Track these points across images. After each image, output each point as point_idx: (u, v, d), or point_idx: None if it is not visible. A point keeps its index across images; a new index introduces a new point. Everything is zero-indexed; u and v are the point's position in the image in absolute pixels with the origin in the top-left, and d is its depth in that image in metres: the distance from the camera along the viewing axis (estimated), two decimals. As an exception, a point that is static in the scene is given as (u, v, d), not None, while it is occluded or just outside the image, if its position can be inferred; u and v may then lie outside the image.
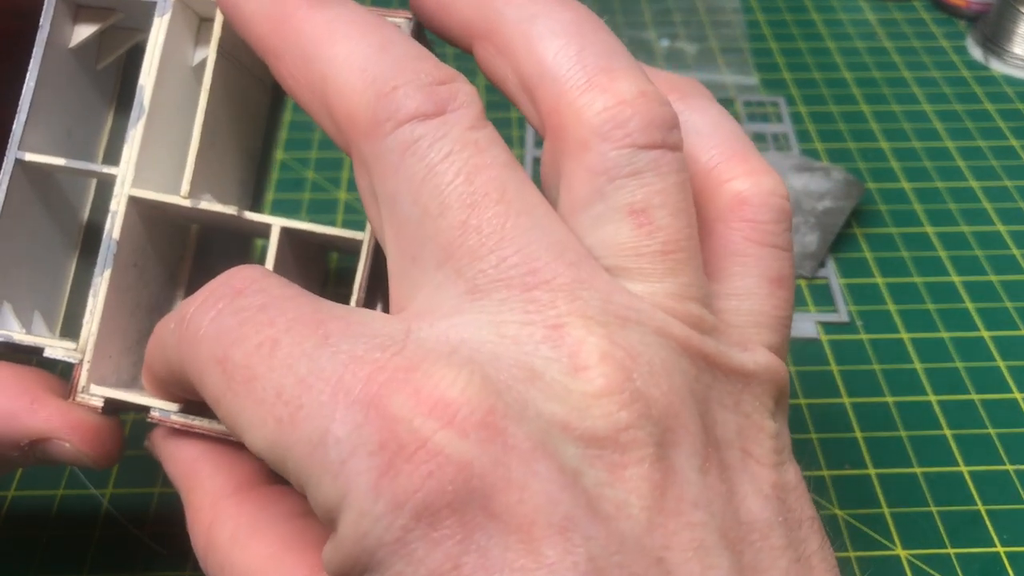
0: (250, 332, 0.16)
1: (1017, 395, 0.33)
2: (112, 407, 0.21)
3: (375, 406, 0.15)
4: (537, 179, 0.18)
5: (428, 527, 0.14)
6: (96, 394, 0.21)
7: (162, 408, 0.20)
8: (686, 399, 0.16)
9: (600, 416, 0.15)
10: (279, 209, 0.40)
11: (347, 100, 0.17)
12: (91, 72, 0.24)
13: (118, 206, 0.21)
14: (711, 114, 0.20)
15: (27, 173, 0.22)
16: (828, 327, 0.35)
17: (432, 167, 0.16)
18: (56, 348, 0.21)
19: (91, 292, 0.21)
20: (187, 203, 0.22)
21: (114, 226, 0.21)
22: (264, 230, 0.23)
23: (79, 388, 0.21)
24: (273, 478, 0.20)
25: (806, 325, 0.35)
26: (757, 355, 0.18)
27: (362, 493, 0.14)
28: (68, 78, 0.23)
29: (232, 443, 0.20)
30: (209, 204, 0.22)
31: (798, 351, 0.34)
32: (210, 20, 0.23)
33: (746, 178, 0.19)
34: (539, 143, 0.43)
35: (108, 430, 0.21)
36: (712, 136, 0.20)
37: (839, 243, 0.39)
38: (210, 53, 0.22)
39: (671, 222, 0.17)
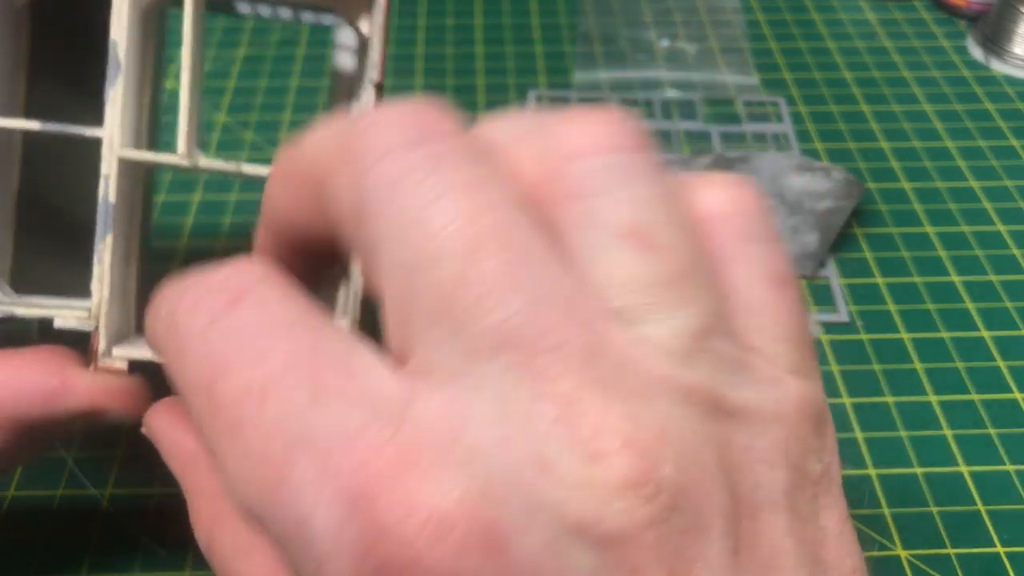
0: (241, 365, 0.14)
1: (1017, 395, 0.33)
2: (136, 366, 0.21)
3: (362, 503, 0.13)
4: None
5: None
6: (119, 356, 0.21)
7: None
8: (716, 477, 0.14)
9: (622, 512, 0.13)
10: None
11: (324, 157, 0.16)
12: (8, 11, 0.23)
13: (110, 169, 0.21)
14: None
15: None
16: (828, 327, 0.35)
17: (423, 207, 0.14)
18: (68, 318, 0.21)
19: (95, 259, 0.21)
20: (186, 162, 0.21)
21: (109, 190, 0.21)
22: (260, 184, 0.22)
23: (100, 354, 0.21)
24: None
25: (806, 325, 0.35)
26: (790, 388, 0.16)
27: None
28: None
29: None
30: (209, 162, 0.21)
31: (798, 351, 0.34)
32: None
33: (708, 189, 0.17)
34: (539, 143, 0.43)
35: (137, 387, 0.21)
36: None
37: (839, 243, 0.38)
38: (188, 7, 0.21)
39: (675, 238, 0.15)
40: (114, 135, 0.21)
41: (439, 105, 0.15)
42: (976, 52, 0.50)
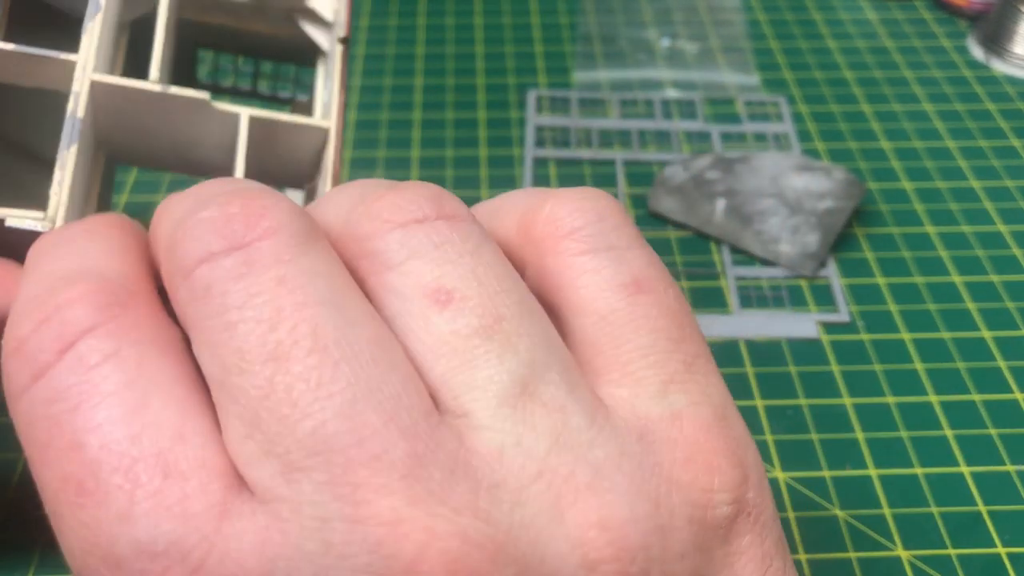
0: (57, 449, 0.13)
1: (1018, 395, 0.33)
2: None
3: None
4: (537, 181, 0.18)
5: None
6: None
7: None
8: None
9: None
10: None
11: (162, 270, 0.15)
12: None
13: (81, 88, 0.21)
14: (493, 201, 0.18)
15: None
16: (829, 327, 0.35)
17: (226, 317, 0.13)
18: (22, 218, 0.20)
19: (58, 165, 0.21)
20: (158, 88, 0.22)
21: (78, 106, 0.21)
22: (233, 120, 0.23)
23: None
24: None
25: (807, 325, 0.35)
26: (641, 417, 0.15)
27: None
28: None
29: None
30: (179, 90, 0.22)
31: (799, 351, 0.34)
32: None
33: (557, 206, 0.16)
34: (540, 143, 0.43)
35: None
36: (503, 204, 0.17)
37: (840, 243, 0.38)
38: None
39: (480, 287, 0.14)
40: (88, 60, 0.22)
41: (263, 198, 0.14)
42: (977, 52, 0.50)
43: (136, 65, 0.27)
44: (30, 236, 0.20)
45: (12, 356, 0.14)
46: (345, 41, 0.24)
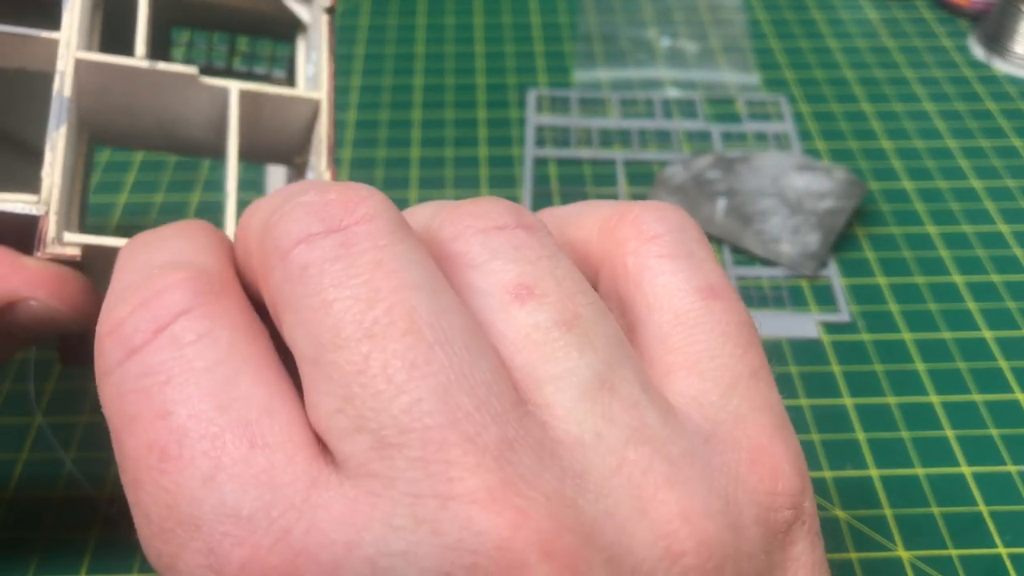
0: (145, 418, 0.14)
1: (1019, 396, 0.33)
2: (93, 257, 0.19)
3: None
4: (537, 180, 0.18)
5: None
6: (71, 242, 0.19)
7: None
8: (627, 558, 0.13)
9: None
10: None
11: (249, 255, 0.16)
12: None
13: (66, 67, 0.21)
14: (566, 207, 0.19)
15: None
16: (830, 327, 0.35)
17: (323, 295, 0.14)
18: (15, 203, 0.19)
19: (48, 146, 0.20)
20: (145, 65, 0.21)
21: (64, 85, 0.21)
22: (222, 96, 0.22)
23: (48, 240, 0.19)
24: None
25: (808, 325, 0.35)
26: (730, 451, 0.15)
27: None
28: None
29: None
30: (167, 66, 0.22)
31: (799, 351, 0.34)
32: None
33: (637, 209, 0.17)
34: (540, 142, 0.43)
35: (74, 279, 0.19)
36: (582, 210, 0.18)
37: (841, 243, 0.38)
38: None
39: (558, 287, 0.15)
40: (72, 38, 0.21)
41: (359, 189, 0.15)
42: (978, 51, 0.50)
43: (111, 42, 0.26)
44: (19, 220, 0.19)
45: (108, 336, 0.14)
46: (331, 11, 0.24)
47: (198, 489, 0.13)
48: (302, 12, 0.26)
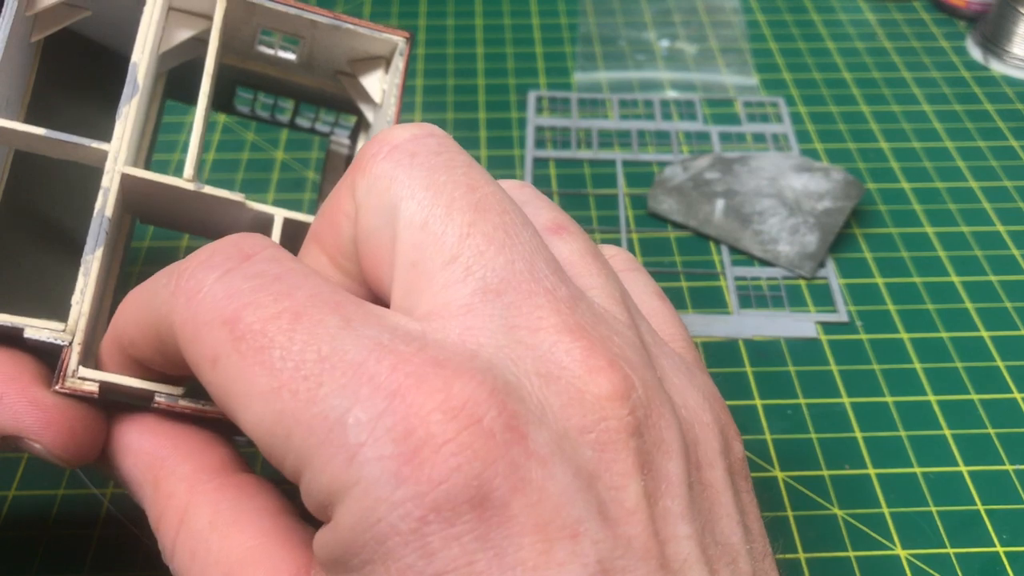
0: (266, 299, 0.16)
1: (1016, 395, 0.33)
2: (108, 392, 0.19)
3: (401, 396, 0.14)
4: (537, 181, 0.19)
5: (447, 521, 0.14)
6: (89, 378, 0.19)
7: (168, 392, 0.19)
8: (671, 411, 0.17)
9: (613, 419, 0.15)
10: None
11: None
12: (25, 42, 0.23)
13: (111, 183, 0.20)
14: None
15: None
16: (828, 327, 0.35)
17: (434, 175, 0.17)
18: (40, 328, 0.19)
19: (81, 271, 0.20)
20: (191, 187, 0.21)
21: (107, 204, 0.20)
22: (267, 220, 0.22)
23: (68, 372, 0.19)
24: (247, 467, 0.19)
25: (806, 325, 0.35)
26: (702, 374, 0.19)
27: (381, 478, 0.14)
28: (16, 44, 0.22)
29: (193, 430, 0.19)
30: (213, 190, 0.21)
31: (798, 351, 0.34)
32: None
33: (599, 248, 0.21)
34: (540, 143, 0.44)
35: (82, 428, 0.19)
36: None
37: (839, 243, 0.39)
38: (212, 41, 0.22)
39: (581, 230, 0.19)
40: (121, 151, 0.21)
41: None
42: (975, 52, 0.50)
43: (175, 90, 0.26)
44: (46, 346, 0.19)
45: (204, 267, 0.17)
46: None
47: (337, 331, 0.15)
48: (367, 112, 0.26)
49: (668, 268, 0.38)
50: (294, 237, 0.23)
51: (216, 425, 0.20)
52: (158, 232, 0.38)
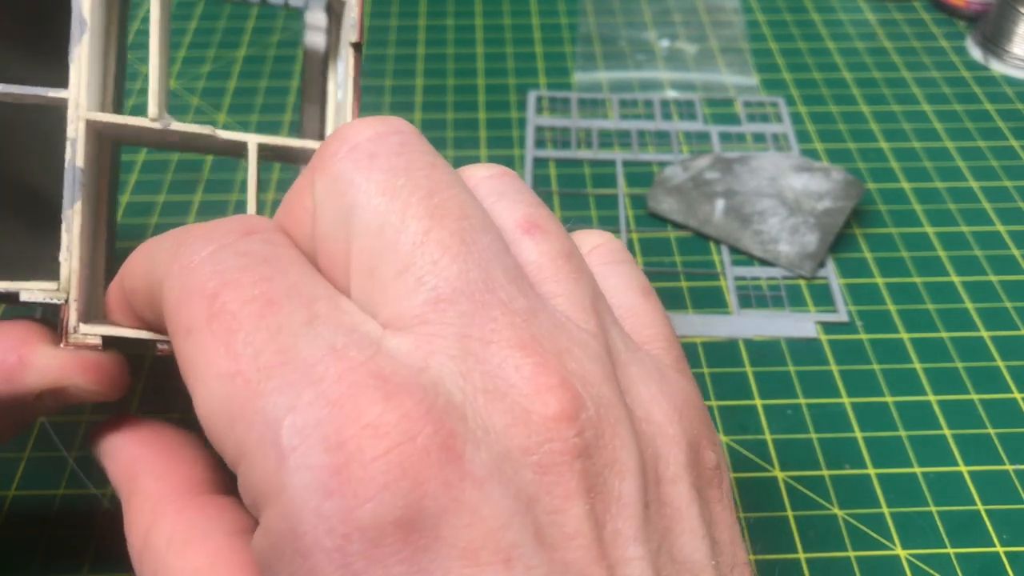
0: (247, 280, 0.16)
1: (1017, 395, 0.33)
2: (110, 344, 0.20)
3: (340, 405, 0.14)
4: (537, 181, 0.19)
5: (371, 542, 0.14)
6: (89, 333, 0.19)
7: (166, 339, 0.19)
8: (627, 430, 0.16)
9: (558, 441, 0.15)
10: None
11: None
12: None
13: (76, 133, 0.20)
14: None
15: None
16: (828, 327, 0.35)
17: (392, 179, 0.17)
18: (34, 291, 0.20)
19: (63, 227, 0.20)
20: (157, 125, 0.21)
21: (76, 154, 0.20)
22: (239, 148, 0.22)
23: (70, 330, 0.19)
24: (215, 487, 0.19)
25: (806, 325, 0.35)
26: (676, 378, 0.18)
27: (309, 487, 0.14)
28: None
29: (174, 445, 0.20)
30: (181, 125, 0.21)
31: (798, 351, 0.34)
32: None
33: (581, 237, 0.21)
34: (540, 143, 0.43)
35: (111, 361, 0.20)
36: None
37: (839, 243, 0.39)
38: None
39: (558, 228, 0.18)
40: (80, 96, 0.20)
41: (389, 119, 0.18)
42: (975, 52, 0.50)
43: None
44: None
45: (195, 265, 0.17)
46: (357, 46, 0.23)
47: (301, 327, 0.15)
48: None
49: (668, 268, 0.38)
50: (270, 158, 0.22)
51: None
52: (160, 224, 0.38)
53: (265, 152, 0.22)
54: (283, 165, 0.42)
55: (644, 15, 0.53)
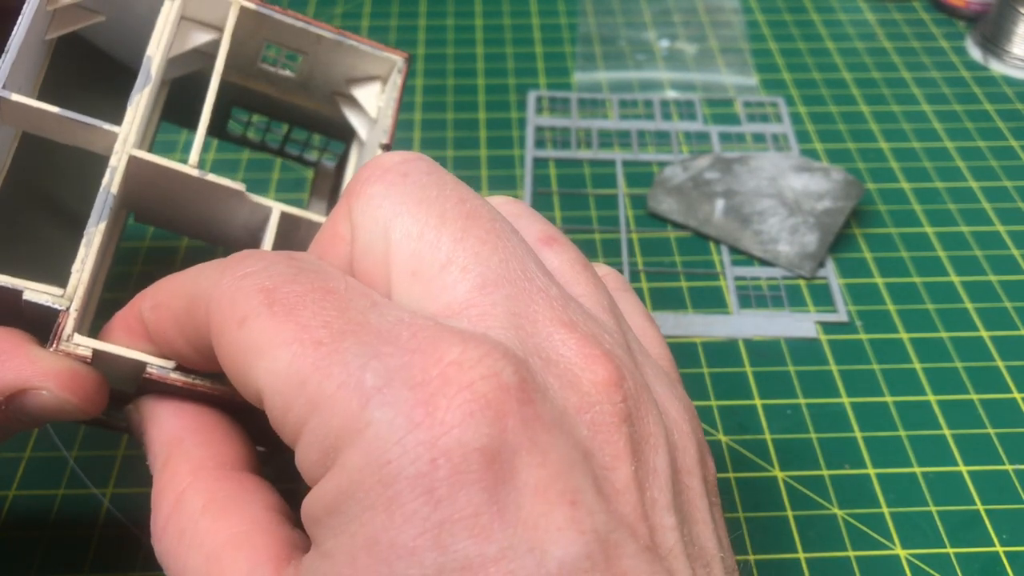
0: (304, 280, 0.17)
1: (1016, 395, 0.33)
2: (100, 360, 0.20)
3: (422, 351, 0.15)
4: (537, 181, 0.19)
5: (456, 468, 0.14)
6: (83, 344, 0.19)
7: (160, 364, 0.20)
8: (656, 410, 0.17)
9: (607, 403, 0.16)
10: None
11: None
12: (40, 38, 0.24)
13: (119, 163, 0.21)
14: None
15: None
16: (827, 327, 0.35)
17: (426, 191, 0.18)
18: (39, 292, 0.20)
19: (84, 242, 0.20)
20: (195, 173, 0.22)
21: (113, 180, 0.21)
22: (264, 213, 0.23)
23: (63, 337, 0.19)
24: (253, 469, 0.20)
25: (806, 325, 0.35)
26: (682, 394, 0.19)
27: (395, 421, 0.14)
28: (34, 37, 0.23)
29: (218, 424, 0.20)
30: (216, 178, 0.22)
31: (798, 351, 0.34)
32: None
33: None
34: (540, 143, 0.44)
35: (87, 375, 0.20)
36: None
37: (838, 243, 0.39)
38: (223, 43, 0.24)
39: (572, 244, 0.20)
40: (130, 133, 0.22)
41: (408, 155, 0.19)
42: (975, 52, 0.50)
43: (173, 111, 0.27)
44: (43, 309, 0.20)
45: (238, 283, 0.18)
46: (387, 148, 0.25)
47: (367, 310, 0.16)
48: (360, 128, 0.27)
49: (668, 268, 0.38)
50: (287, 230, 0.24)
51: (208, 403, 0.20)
52: (158, 232, 0.38)
53: (285, 221, 0.23)
54: (284, 165, 0.42)
55: (644, 15, 0.53)
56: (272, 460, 0.22)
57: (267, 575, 0.16)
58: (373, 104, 0.26)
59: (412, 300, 0.17)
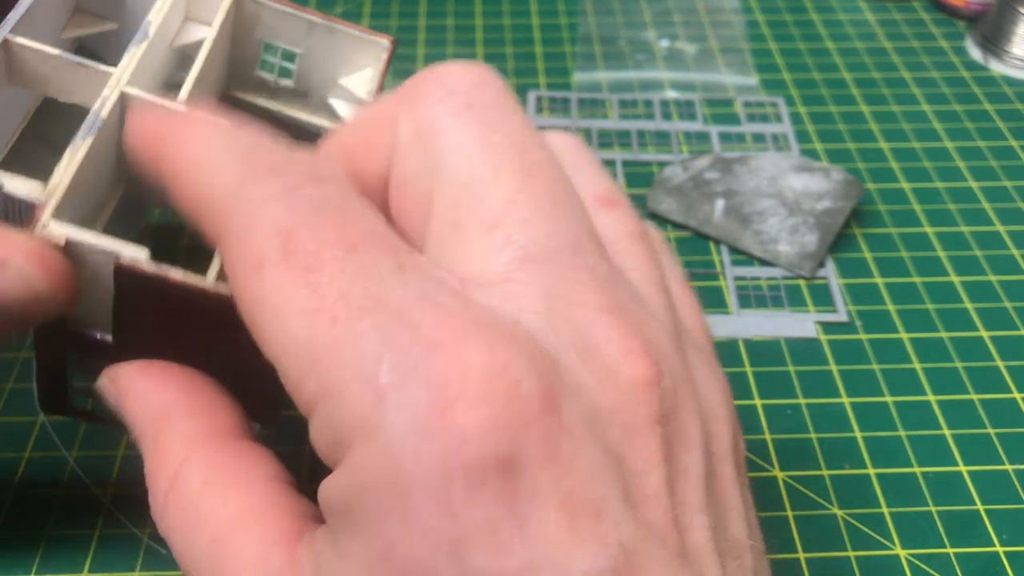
0: (325, 224, 0.15)
1: (1016, 395, 0.33)
2: (75, 250, 0.19)
3: (444, 348, 0.14)
4: None
5: (474, 481, 0.13)
6: (58, 231, 0.19)
7: (132, 254, 0.18)
8: (694, 404, 0.17)
9: (643, 404, 0.15)
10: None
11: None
12: (56, 37, 0.24)
13: (111, 92, 0.21)
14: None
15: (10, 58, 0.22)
16: (827, 327, 0.35)
17: (488, 133, 0.16)
18: (18, 184, 0.19)
19: (69, 149, 0.20)
20: (183, 109, 0.22)
21: (103, 107, 0.21)
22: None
23: (39, 224, 0.19)
24: (248, 436, 0.19)
25: (805, 325, 0.35)
26: (722, 374, 0.19)
27: (411, 426, 0.14)
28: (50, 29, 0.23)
29: (207, 389, 0.19)
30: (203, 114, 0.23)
31: (797, 351, 0.34)
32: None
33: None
34: (539, 143, 0.44)
35: (58, 258, 0.18)
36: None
37: (838, 243, 0.39)
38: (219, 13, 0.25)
39: (631, 207, 0.19)
40: (124, 74, 0.22)
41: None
42: (975, 52, 0.50)
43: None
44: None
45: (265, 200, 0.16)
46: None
47: (388, 274, 0.15)
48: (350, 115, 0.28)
49: (668, 268, 0.38)
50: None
51: (183, 302, 0.19)
52: (163, 214, 0.38)
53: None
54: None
55: (644, 15, 0.53)
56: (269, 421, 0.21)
57: (280, 557, 0.16)
58: (363, 89, 0.27)
59: (446, 255, 0.16)
